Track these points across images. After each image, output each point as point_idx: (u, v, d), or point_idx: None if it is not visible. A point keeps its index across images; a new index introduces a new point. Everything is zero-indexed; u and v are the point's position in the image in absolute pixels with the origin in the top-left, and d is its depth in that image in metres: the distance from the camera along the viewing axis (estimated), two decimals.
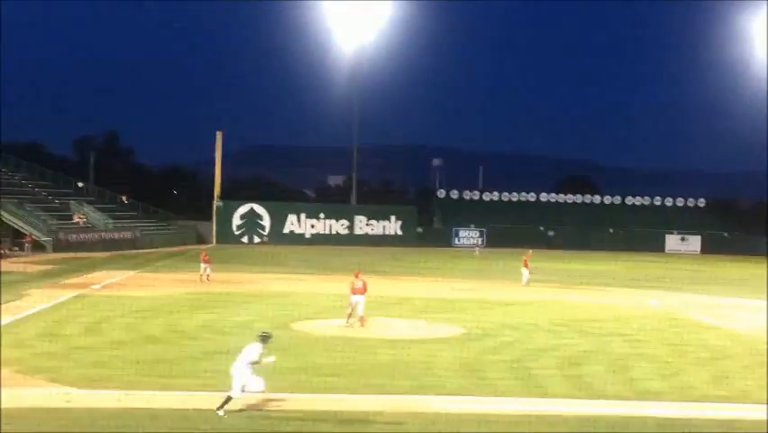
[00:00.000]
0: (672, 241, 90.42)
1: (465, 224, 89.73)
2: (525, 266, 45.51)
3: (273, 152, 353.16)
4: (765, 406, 18.61)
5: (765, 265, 62.01)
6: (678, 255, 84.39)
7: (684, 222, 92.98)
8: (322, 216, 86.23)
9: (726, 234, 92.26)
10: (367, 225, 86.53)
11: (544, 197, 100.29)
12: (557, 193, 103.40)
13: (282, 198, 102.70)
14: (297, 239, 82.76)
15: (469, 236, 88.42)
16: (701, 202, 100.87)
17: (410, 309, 33.83)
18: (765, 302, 38.30)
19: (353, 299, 28.20)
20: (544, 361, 23.51)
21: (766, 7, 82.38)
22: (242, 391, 16.16)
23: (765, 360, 24.47)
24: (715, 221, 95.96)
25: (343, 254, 65.51)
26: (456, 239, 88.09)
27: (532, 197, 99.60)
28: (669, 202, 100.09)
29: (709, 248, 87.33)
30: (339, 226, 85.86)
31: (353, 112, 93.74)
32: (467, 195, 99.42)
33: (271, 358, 16.64)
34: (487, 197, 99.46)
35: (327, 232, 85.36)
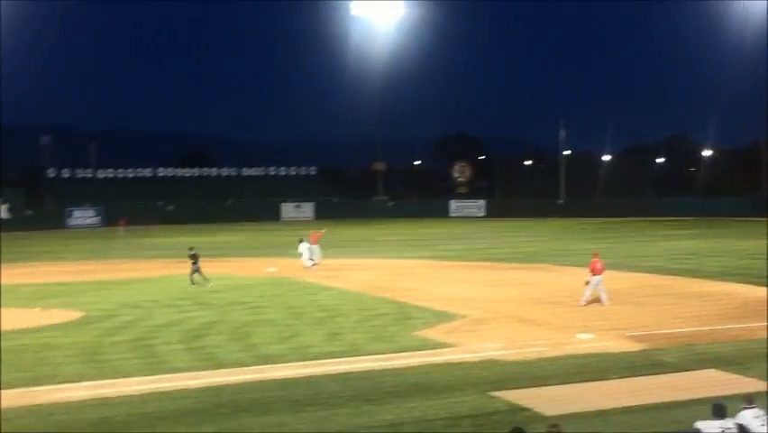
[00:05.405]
0: (287, 209, 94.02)
1: (80, 203, 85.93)
2: (314, 243, 42.80)
3: None
4: (373, 356, 20.29)
5: (369, 226, 66.99)
6: (293, 222, 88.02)
7: (298, 190, 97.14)
8: None
9: (335, 200, 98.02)
10: None
11: (161, 172, 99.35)
12: (175, 168, 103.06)
13: None
14: None
15: (85, 216, 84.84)
16: (313, 171, 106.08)
17: (23, 297, 31.80)
18: (373, 260, 41.37)
19: None
20: (167, 336, 23.41)
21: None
22: None
23: (372, 314, 26.66)
24: (326, 188, 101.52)
25: None
26: (71, 220, 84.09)
27: (149, 172, 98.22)
28: (283, 172, 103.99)
29: (321, 213, 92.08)
30: None
31: None
32: (80, 173, 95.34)
33: None
34: (101, 174, 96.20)
35: None
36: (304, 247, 40.78)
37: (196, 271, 34.24)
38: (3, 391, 17.18)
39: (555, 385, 17.64)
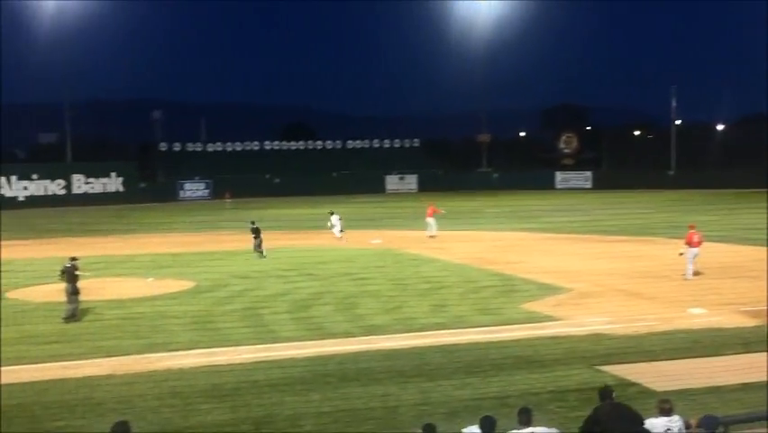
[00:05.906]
0: (392, 181, 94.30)
1: (190, 176, 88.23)
2: (430, 216, 42.59)
3: None
4: (478, 328, 20.23)
5: (473, 198, 66.53)
6: (397, 194, 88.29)
7: (402, 162, 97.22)
8: (35, 176, 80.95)
9: (440, 172, 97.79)
10: (86, 183, 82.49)
11: (267, 145, 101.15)
12: (281, 141, 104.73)
13: None
14: (7, 203, 77.10)
15: (195, 189, 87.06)
16: (416, 142, 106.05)
17: (137, 267, 32.94)
18: (477, 232, 41.08)
19: None
20: (275, 307, 23.89)
21: None
22: None
23: (477, 286, 26.55)
24: (429, 160, 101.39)
25: (62, 215, 62.29)
26: (182, 192, 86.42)
27: (256, 145, 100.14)
28: (387, 144, 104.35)
29: (425, 185, 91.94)
30: (55, 187, 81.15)
31: (62, 65, 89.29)
32: (190, 147, 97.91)
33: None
34: (210, 148, 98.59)
35: (42, 193, 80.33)
36: (336, 219, 41.86)
37: (260, 244, 35.42)
38: (121, 358, 17.91)
39: (666, 361, 17.26)
